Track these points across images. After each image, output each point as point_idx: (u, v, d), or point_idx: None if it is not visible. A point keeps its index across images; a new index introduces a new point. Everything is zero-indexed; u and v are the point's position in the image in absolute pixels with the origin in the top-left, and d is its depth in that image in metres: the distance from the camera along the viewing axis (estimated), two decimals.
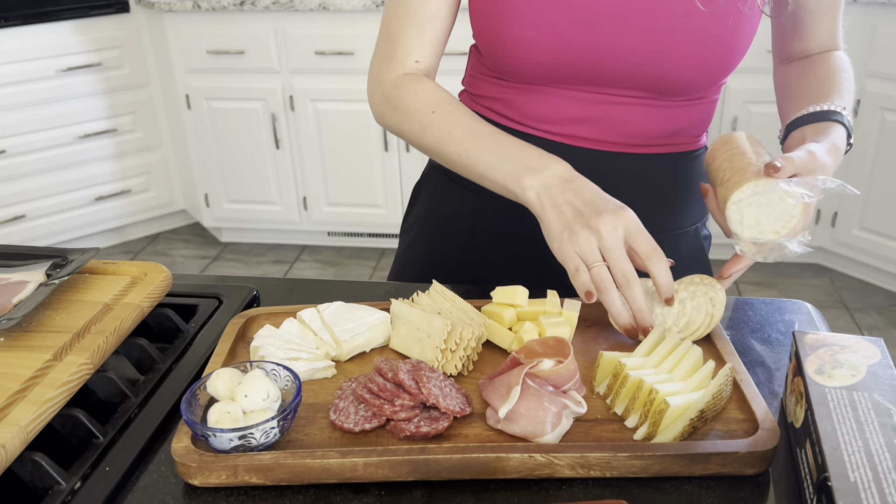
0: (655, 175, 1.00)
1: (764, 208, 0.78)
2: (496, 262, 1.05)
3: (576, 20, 0.88)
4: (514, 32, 0.90)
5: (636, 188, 0.98)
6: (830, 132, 0.84)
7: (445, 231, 1.09)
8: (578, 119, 0.96)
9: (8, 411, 0.69)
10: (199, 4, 3.00)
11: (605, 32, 0.88)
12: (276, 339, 0.80)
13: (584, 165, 0.97)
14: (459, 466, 0.67)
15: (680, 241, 1.03)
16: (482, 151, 0.87)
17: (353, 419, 0.71)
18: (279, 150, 3.22)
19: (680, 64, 0.89)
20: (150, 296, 0.87)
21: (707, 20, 0.87)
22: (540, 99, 0.96)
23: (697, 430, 0.70)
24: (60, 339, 0.78)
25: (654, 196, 1.00)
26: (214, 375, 0.71)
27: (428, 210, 1.11)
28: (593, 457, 0.66)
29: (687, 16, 0.87)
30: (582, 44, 0.89)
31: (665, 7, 0.87)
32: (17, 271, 0.90)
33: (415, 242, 1.13)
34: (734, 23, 0.88)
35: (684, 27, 0.87)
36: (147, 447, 0.72)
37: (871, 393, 0.66)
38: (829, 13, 0.98)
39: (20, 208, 3.29)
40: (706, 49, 0.89)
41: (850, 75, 0.96)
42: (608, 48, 0.89)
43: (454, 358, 0.78)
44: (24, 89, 3.13)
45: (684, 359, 0.75)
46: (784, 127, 0.92)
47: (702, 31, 0.88)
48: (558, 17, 0.88)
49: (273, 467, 0.66)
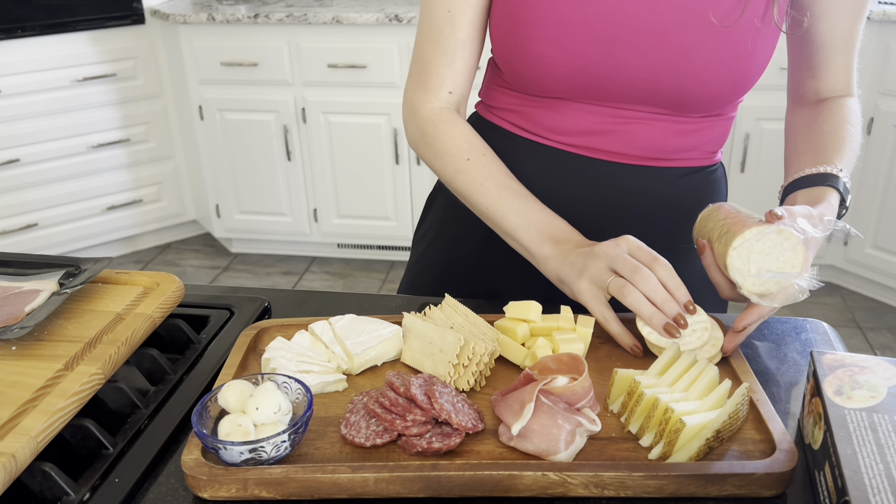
0: (669, 188, 1.00)
1: (766, 256, 0.77)
2: (508, 275, 1.04)
3: (596, 39, 0.88)
4: (535, 49, 0.90)
5: (649, 200, 0.99)
6: (824, 199, 0.86)
7: (458, 242, 1.08)
8: (595, 132, 0.96)
9: (19, 420, 0.68)
10: (213, 17, 3.02)
11: (625, 51, 0.89)
12: (287, 351, 0.79)
13: (598, 177, 0.97)
14: (471, 484, 0.66)
15: (691, 254, 1.02)
16: (511, 211, 0.92)
17: (364, 434, 0.71)
18: (291, 162, 3.23)
19: (698, 82, 0.90)
20: (162, 306, 0.86)
21: (725, 38, 0.87)
22: (557, 112, 0.96)
23: (713, 450, 0.69)
24: (72, 348, 0.78)
25: (667, 209, 1.00)
26: (226, 387, 0.70)
27: (441, 220, 1.11)
28: (607, 476, 0.65)
29: (705, 34, 0.87)
30: (602, 62, 0.89)
31: (683, 25, 0.87)
32: (29, 280, 0.89)
33: (427, 252, 1.13)
34: (752, 41, 0.88)
35: (702, 45, 0.87)
36: (157, 459, 0.72)
37: (892, 415, 0.65)
38: (843, 49, 0.97)
39: (32, 216, 3.30)
40: (725, 67, 0.89)
41: (856, 129, 0.96)
42: (627, 66, 0.89)
43: (466, 373, 0.77)
44: (40, 98, 3.15)
45: (700, 377, 0.74)
46: (783, 188, 0.93)
47: (720, 49, 0.88)
48: (578, 35, 0.89)
49: (283, 481, 0.66)
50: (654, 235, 0.96)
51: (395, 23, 2.89)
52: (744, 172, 2.94)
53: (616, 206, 0.99)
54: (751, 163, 2.92)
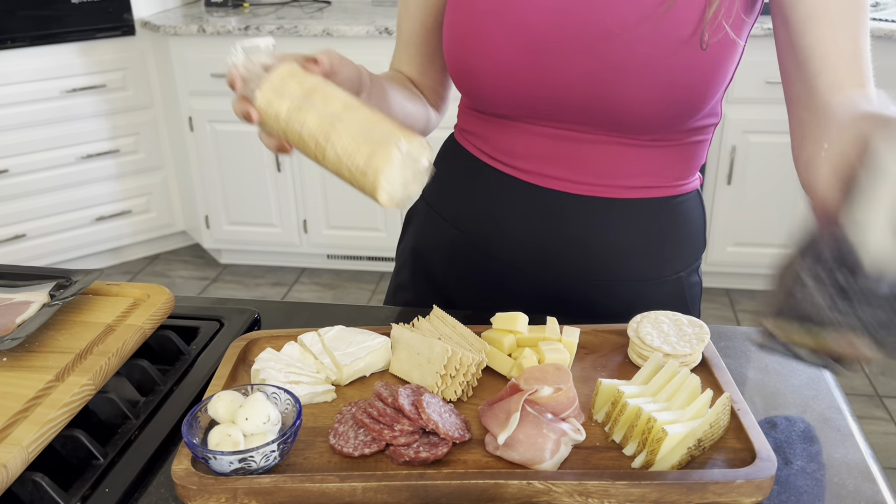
0: (626, 220, 0.95)
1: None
2: (477, 291, 1.04)
3: (516, 46, 0.86)
4: (469, 62, 0.90)
5: (607, 234, 0.95)
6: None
7: (429, 259, 1.09)
8: (548, 156, 0.93)
9: (9, 431, 0.69)
10: (204, 28, 3.03)
11: (548, 62, 0.85)
12: (276, 362, 0.80)
13: (561, 211, 0.95)
14: (458, 493, 0.67)
15: (659, 290, 0.99)
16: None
17: (352, 444, 0.72)
18: (280, 173, 3.24)
19: (632, 104, 0.84)
20: (153, 318, 0.87)
21: (653, 61, 0.82)
22: (509, 134, 0.95)
23: (695, 458, 0.70)
24: (63, 359, 0.79)
25: (630, 244, 0.96)
26: (216, 398, 0.71)
27: (415, 237, 1.12)
28: (591, 484, 0.67)
29: (630, 52, 0.82)
30: (527, 74, 0.87)
31: (606, 40, 0.82)
32: (20, 291, 0.90)
33: (404, 268, 1.14)
34: (696, 58, 0.82)
35: (630, 65, 0.82)
36: (146, 469, 0.73)
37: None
38: (840, 26, 0.79)
39: (21, 227, 3.29)
40: (659, 91, 0.83)
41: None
42: (555, 80, 0.86)
43: (454, 383, 0.78)
44: (29, 109, 3.15)
45: (682, 387, 0.76)
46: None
47: (651, 73, 0.82)
48: (500, 42, 0.87)
49: (272, 491, 0.67)
50: (614, 271, 0.96)
51: (386, 35, 2.91)
52: (730, 185, 2.97)
53: (573, 240, 0.95)
54: (737, 176, 2.95)
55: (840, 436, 0.77)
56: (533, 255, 0.97)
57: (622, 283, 0.96)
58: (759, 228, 3.00)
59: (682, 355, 0.81)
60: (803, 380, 0.86)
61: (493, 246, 0.99)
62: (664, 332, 0.83)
